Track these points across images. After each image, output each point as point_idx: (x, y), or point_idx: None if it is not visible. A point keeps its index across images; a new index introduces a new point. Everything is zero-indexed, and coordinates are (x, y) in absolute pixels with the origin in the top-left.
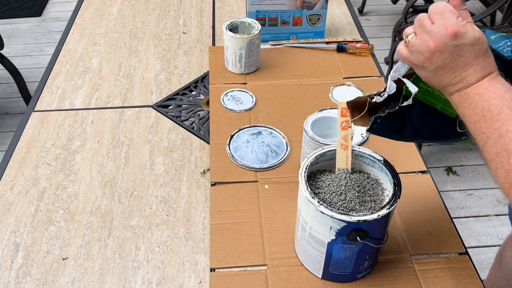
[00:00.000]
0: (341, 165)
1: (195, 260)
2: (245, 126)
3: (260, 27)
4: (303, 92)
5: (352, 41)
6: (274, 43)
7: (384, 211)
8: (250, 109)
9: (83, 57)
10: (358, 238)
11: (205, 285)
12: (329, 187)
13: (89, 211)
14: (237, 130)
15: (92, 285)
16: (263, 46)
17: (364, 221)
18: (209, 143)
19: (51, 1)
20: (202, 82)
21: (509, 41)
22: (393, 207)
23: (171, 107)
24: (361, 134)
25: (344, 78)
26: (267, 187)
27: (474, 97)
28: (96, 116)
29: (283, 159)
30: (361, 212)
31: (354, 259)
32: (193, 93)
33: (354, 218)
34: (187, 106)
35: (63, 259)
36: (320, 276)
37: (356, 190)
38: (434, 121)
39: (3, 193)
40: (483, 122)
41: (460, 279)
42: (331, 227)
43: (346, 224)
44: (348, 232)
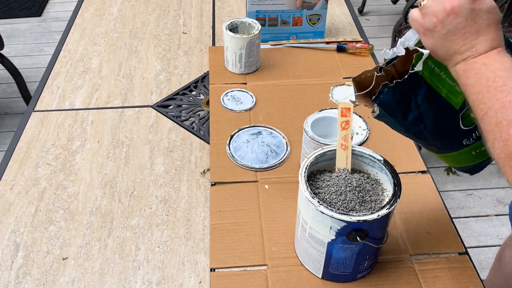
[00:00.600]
0: (341, 165)
1: (195, 260)
2: (245, 126)
3: (260, 27)
4: (303, 92)
5: (352, 41)
6: (274, 43)
7: (384, 211)
8: (250, 109)
9: (83, 57)
10: (358, 238)
11: (205, 285)
12: (329, 187)
13: (89, 211)
14: (237, 130)
15: (92, 285)
16: (263, 46)
17: (364, 221)
18: (209, 143)
19: (51, 1)
20: (202, 82)
21: None
22: (393, 207)
23: (171, 107)
24: (357, 133)
25: (344, 78)
26: (267, 187)
27: (480, 67)
28: (96, 116)
29: (283, 159)
30: (361, 212)
31: (354, 259)
32: (193, 93)
33: (354, 218)
34: (187, 106)
35: (63, 259)
36: (320, 276)
37: (356, 190)
38: (438, 108)
39: (3, 193)
40: (486, 92)
41: (460, 279)
42: (331, 227)
43: (346, 224)
44: (348, 232)
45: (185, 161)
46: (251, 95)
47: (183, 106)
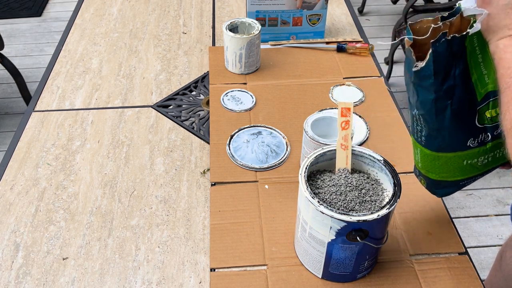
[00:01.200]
0: (341, 165)
1: (195, 260)
2: (245, 126)
3: (260, 27)
4: (303, 92)
5: (352, 41)
6: (274, 43)
7: (384, 211)
8: (250, 109)
9: (83, 57)
10: (358, 238)
11: (205, 285)
12: (329, 187)
13: (89, 211)
14: (237, 130)
15: (92, 285)
16: (263, 46)
17: (364, 221)
18: (209, 143)
19: (51, 1)
20: (202, 82)
21: None
22: (393, 207)
23: (171, 107)
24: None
25: (344, 78)
26: (267, 187)
27: None
28: (96, 116)
29: (283, 159)
30: (361, 212)
31: (354, 259)
32: (193, 93)
33: (354, 218)
34: (187, 106)
35: (63, 259)
36: (320, 276)
37: (356, 190)
38: (467, 90)
39: (3, 193)
40: None
41: (460, 279)
42: (331, 227)
43: (346, 224)
44: (348, 232)
45: (185, 161)
46: (251, 95)
47: (183, 106)
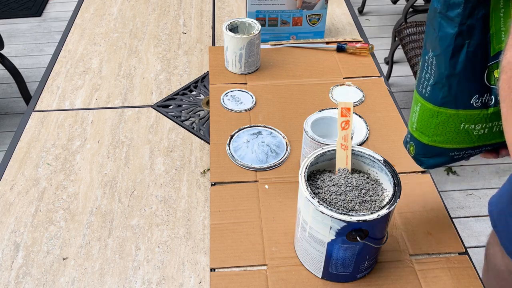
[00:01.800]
0: (341, 165)
1: (195, 260)
2: (245, 126)
3: (260, 27)
4: (303, 92)
5: (352, 41)
6: (274, 43)
7: (384, 211)
8: (250, 109)
9: (83, 57)
10: (358, 238)
11: (205, 285)
12: (329, 187)
13: (89, 211)
14: (237, 130)
15: (92, 285)
16: (263, 46)
17: (364, 221)
18: (209, 143)
19: (51, 1)
20: (202, 82)
21: None
22: (393, 207)
23: (171, 107)
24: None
25: (344, 78)
26: (267, 187)
27: None
28: (96, 116)
29: (283, 159)
30: (361, 212)
31: (354, 259)
32: (193, 93)
33: (354, 218)
34: (187, 106)
35: (63, 259)
36: (320, 276)
37: (356, 190)
38: (482, 39)
39: (3, 193)
40: None
41: (460, 279)
42: (331, 227)
43: (346, 224)
44: (348, 232)
45: (185, 161)
46: (251, 95)
47: (183, 106)
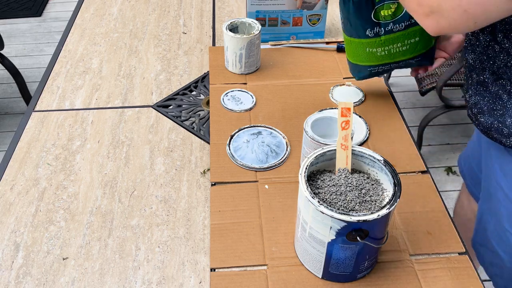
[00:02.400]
0: (341, 165)
1: (195, 260)
2: (245, 126)
3: (260, 27)
4: (303, 92)
5: None
6: (274, 43)
7: (384, 211)
8: (250, 109)
9: (83, 57)
10: (358, 238)
11: (205, 285)
12: (329, 187)
13: (89, 211)
14: (237, 130)
15: (92, 285)
16: (263, 46)
17: (364, 221)
18: (209, 143)
19: (51, 1)
20: (202, 82)
21: None
22: (393, 207)
23: (171, 107)
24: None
25: (344, 78)
26: (267, 187)
27: None
28: (96, 116)
29: (283, 159)
30: (361, 212)
31: (354, 259)
32: (193, 93)
33: (354, 218)
34: (187, 106)
35: (63, 259)
36: (320, 276)
37: (356, 190)
38: None
39: (3, 193)
40: None
41: (460, 279)
42: (331, 227)
43: (346, 224)
44: (348, 232)
45: (185, 161)
46: (251, 95)
47: (183, 106)
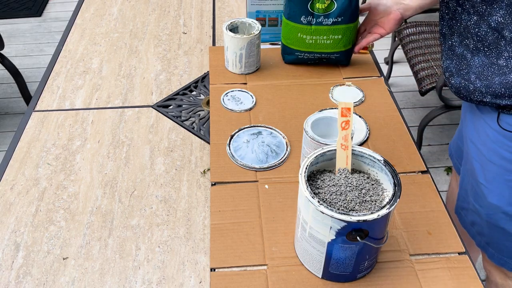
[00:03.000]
0: (341, 165)
1: (195, 260)
2: (245, 126)
3: (260, 27)
4: (303, 92)
5: None
6: (274, 43)
7: (384, 211)
8: (250, 109)
9: (83, 57)
10: (358, 238)
11: (205, 285)
12: (329, 187)
13: (89, 211)
14: (237, 130)
15: (92, 285)
16: (263, 46)
17: (364, 221)
18: (209, 143)
19: (51, 1)
20: (202, 82)
21: None
22: (393, 207)
23: (171, 107)
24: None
25: (344, 78)
26: (267, 187)
27: None
28: (96, 116)
29: (283, 159)
30: (361, 212)
31: (354, 259)
32: (193, 93)
33: (354, 218)
34: (187, 106)
35: (64, 259)
36: (320, 276)
37: (356, 190)
38: None
39: (3, 193)
40: None
41: (460, 279)
42: (331, 227)
43: (346, 224)
44: (348, 232)
45: (185, 161)
46: (251, 95)
47: (183, 106)
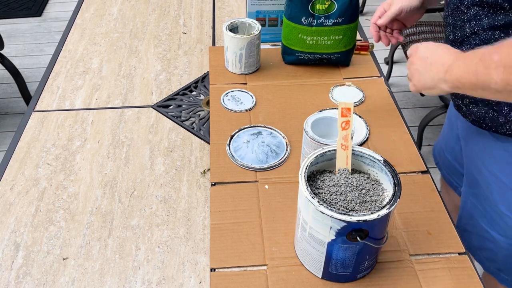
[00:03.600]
0: (341, 165)
1: (195, 260)
2: (245, 126)
3: (260, 27)
4: (303, 92)
5: None
6: (274, 43)
7: (384, 211)
8: (250, 109)
9: (83, 57)
10: (358, 238)
11: (205, 285)
12: (329, 187)
13: (89, 211)
14: (237, 130)
15: (92, 285)
16: (263, 46)
17: (364, 221)
18: (209, 143)
19: (51, 1)
20: (202, 82)
21: None
22: (393, 207)
23: (171, 107)
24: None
25: (344, 78)
26: (267, 187)
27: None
28: (96, 116)
29: (283, 159)
30: (361, 212)
31: (354, 259)
32: (193, 93)
33: (354, 218)
34: (187, 106)
35: (63, 259)
36: (320, 276)
37: (356, 190)
38: None
39: (3, 193)
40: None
41: (460, 279)
42: (331, 227)
43: (346, 224)
44: (348, 232)
45: (185, 161)
46: (251, 95)
47: (183, 106)
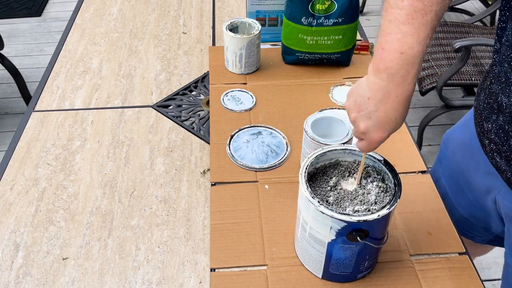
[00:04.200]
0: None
1: (195, 260)
2: (245, 126)
3: (260, 27)
4: (303, 92)
5: None
6: (274, 43)
7: (384, 211)
8: (250, 109)
9: (83, 57)
10: (358, 238)
11: (205, 285)
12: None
13: (89, 211)
14: (237, 130)
15: (92, 285)
16: (263, 46)
17: (364, 221)
18: (209, 143)
19: (51, 1)
20: (202, 82)
21: None
22: (393, 207)
23: (171, 107)
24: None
25: (344, 78)
26: (267, 187)
27: None
28: (96, 116)
29: (283, 159)
30: (361, 212)
31: (354, 259)
32: (193, 93)
33: (354, 218)
34: (187, 106)
35: (63, 259)
36: (320, 276)
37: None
38: None
39: (3, 193)
40: None
41: (460, 279)
42: (331, 227)
43: (346, 224)
44: (348, 232)
45: (185, 161)
46: (251, 95)
47: (183, 106)
